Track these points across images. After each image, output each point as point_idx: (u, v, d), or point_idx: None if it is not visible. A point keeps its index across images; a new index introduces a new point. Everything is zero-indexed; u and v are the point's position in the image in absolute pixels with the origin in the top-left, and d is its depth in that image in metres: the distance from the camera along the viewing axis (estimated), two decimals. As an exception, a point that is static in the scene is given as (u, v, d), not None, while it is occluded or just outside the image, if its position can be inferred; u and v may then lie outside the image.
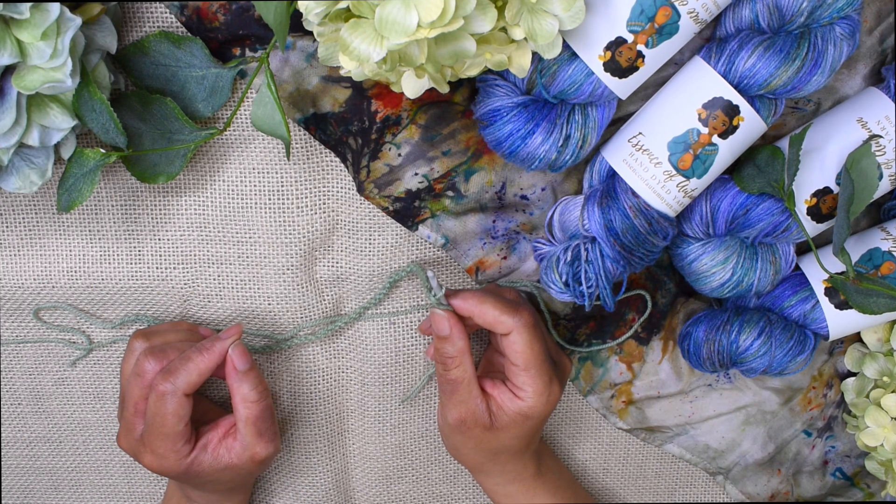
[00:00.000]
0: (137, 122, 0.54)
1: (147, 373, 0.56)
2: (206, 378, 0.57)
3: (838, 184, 0.56)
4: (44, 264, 0.60)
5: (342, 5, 0.43)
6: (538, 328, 0.58)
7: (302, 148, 0.58)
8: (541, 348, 0.57)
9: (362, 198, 0.59)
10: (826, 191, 0.57)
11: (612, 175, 0.56)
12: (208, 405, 0.64)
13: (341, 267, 0.61)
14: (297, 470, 0.68)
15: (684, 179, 0.54)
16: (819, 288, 0.60)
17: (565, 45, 0.51)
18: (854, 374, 0.67)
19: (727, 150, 0.54)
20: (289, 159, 0.52)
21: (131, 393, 0.57)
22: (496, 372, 0.62)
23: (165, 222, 0.60)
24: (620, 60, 0.51)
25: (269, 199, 0.59)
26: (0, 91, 0.47)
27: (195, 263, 0.61)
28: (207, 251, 0.60)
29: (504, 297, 0.58)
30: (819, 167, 0.56)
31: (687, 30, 0.51)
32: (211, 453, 0.58)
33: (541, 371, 0.57)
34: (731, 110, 0.53)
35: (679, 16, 0.50)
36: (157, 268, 0.61)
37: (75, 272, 0.61)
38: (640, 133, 0.55)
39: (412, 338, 0.64)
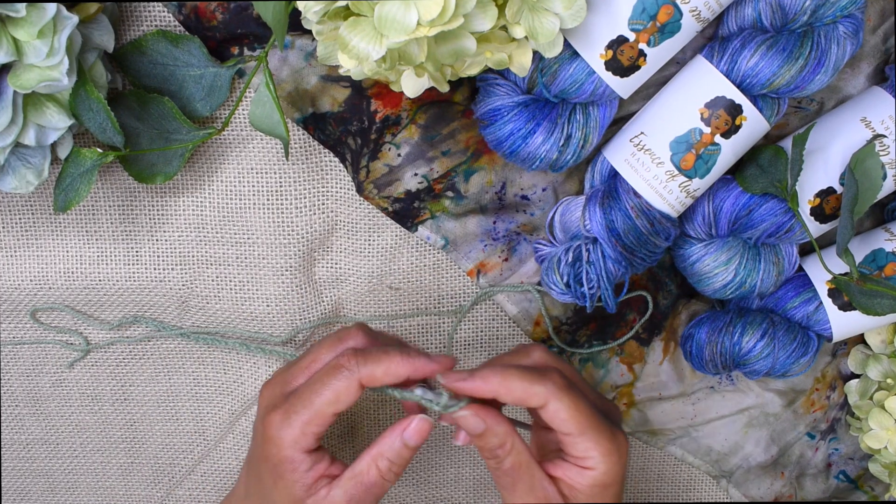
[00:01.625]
0: (135, 121, 0.53)
1: (346, 342, 0.52)
2: (389, 383, 0.50)
3: (842, 184, 0.56)
4: (40, 265, 0.60)
5: (341, 3, 0.43)
6: (574, 386, 0.50)
7: (301, 148, 0.57)
8: (586, 406, 0.49)
9: (361, 198, 0.58)
10: (829, 191, 0.56)
11: (613, 175, 0.56)
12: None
13: (340, 268, 0.61)
14: (296, 472, 0.68)
15: (686, 179, 0.54)
16: (822, 289, 0.60)
17: (566, 44, 0.51)
18: (857, 376, 0.67)
19: (730, 150, 0.54)
20: (287, 159, 0.52)
21: (319, 350, 0.52)
22: (550, 451, 0.54)
23: (163, 223, 0.59)
24: (622, 59, 0.51)
25: (268, 200, 0.58)
26: (-4, 90, 0.47)
27: (193, 264, 0.60)
28: (205, 252, 0.60)
29: (523, 363, 0.51)
30: (822, 167, 0.56)
31: (689, 28, 0.51)
32: (309, 475, 0.50)
33: (599, 430, 0.49)
34: (734, 110, 0.52)
35: (681, 14, 0.50)
36: (154, 269, 0.60)
37: (72, 273, 0.60)
38: (642, 133, 0.54)
39: (413, 340, 0.64)
